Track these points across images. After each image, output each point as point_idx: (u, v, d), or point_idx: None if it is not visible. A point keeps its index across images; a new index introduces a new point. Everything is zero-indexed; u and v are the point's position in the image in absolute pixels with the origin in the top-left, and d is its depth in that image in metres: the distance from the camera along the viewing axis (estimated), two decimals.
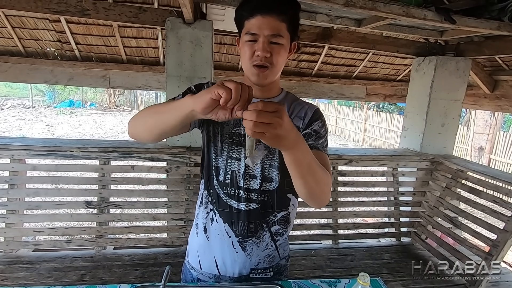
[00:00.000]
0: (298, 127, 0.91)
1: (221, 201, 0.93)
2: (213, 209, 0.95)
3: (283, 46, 0.82)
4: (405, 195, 2.60)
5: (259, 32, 0.79)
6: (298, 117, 0.92)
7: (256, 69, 0.82)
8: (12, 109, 13.86)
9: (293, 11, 0.82)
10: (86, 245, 2.15)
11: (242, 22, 0.83)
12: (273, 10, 0.78)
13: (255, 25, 0.79)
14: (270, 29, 0.79)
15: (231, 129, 0.91)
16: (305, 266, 2.13)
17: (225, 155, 0.91)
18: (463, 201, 2.30)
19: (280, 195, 0.94)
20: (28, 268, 1.91)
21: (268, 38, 0.79)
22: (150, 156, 2.20)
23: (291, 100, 0.95)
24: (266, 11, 0.78)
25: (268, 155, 0.90)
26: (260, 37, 0.79)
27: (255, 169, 0.91)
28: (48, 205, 2.10)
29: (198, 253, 0.99)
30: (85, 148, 2.12)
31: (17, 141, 2.16)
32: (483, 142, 7.33)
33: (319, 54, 3.22)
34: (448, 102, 2.68)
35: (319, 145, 0.87)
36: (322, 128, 0.91)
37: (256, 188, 0.91)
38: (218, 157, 0.92)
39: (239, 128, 0.90)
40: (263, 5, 0.79)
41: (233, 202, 0.92)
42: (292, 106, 0.94)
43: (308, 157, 0.71)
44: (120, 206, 2.18)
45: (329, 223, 2.46)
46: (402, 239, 2.56)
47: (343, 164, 2.49)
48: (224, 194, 0.92)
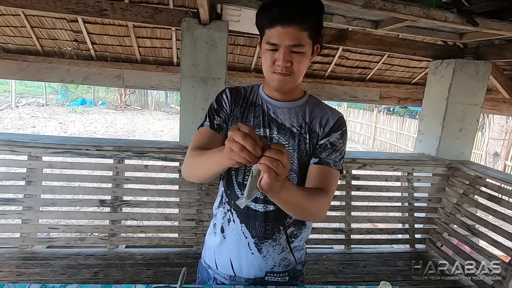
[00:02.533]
0: (317, 134, 0.89)
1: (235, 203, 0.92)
2: (231, 209, 0.95)
3: (305, 53, 0.79)
4: (420, 201, 2.54)
5: (280, 43, 0.77)
6: (319, 124, 0.90)
7: (277, 75, 0.81)
8: (27, 107, 14.19)
9: (315, 18, 0.79)
10: (99, 243, 2.17)
11: (262, 29, 0.81)
12: (294, 21, 0.75)
13: (275, 35, 0.77)
14: (290, 39, 0.76)
15: None
16: (317, 271, 2.10)
17: None
18: (482, 209, 2.23)
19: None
20: (43, 265, 1.93)
21: (289, 48, 0.77)
22: (163, 156, 2.21)
23: (313, 104, 0.93)
24: (286, 21, 0.75)
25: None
26: (280, 47, 0.77)
27: None
28: (63, 202, 2.13)
29: (215, 253, 0.99)
30: (100, 147, 2.14)
31: (34, 139, 2.20)
32: (499, 147, 7.15)
33: (333, 56, 3.18)
34: (466, 106, 2.62)
35: (330, 161, 0.86)
36: (339, 140, 0.89)
37: None
38: None
39: (258, 129, 0.89)
40: (283, 15, 0.75)
41: (251, 203, 0.92)
42: (314, 111, 0.91)
43: (294, 198, 0.72)
44: (133, 205, 2.19)
45: (342, 227, 2.42)
46: (417, 246, 2.50)
47: (356, 168, 2.45)
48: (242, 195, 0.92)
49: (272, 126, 0.89)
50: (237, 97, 0.94)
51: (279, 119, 0.89)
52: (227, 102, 0.93)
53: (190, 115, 2.30)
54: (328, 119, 0.90)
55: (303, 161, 0.89)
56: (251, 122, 0.90)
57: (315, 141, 0.89)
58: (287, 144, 0.88)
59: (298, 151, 0.88)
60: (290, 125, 0.89)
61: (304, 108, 0.91)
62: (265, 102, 0.91)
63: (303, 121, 0.89)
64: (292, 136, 0.88)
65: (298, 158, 0.88)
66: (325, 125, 0.89)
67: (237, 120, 0.91)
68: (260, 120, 0.89)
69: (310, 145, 0.89)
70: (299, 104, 0.91)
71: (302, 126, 0.89)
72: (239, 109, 0.92)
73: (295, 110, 0.90)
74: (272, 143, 0.62)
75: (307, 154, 0.89)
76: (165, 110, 17.20)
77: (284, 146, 0.60)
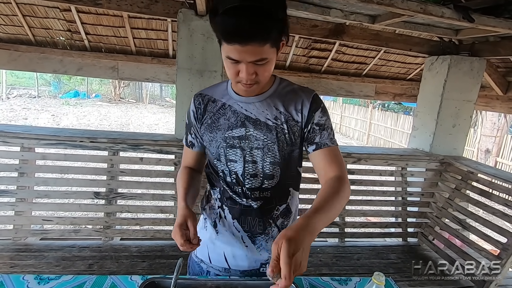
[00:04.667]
0: (296, 121, 0.87)
1: (228, 199, 0.93)
2: (222, 206, 0.95)
3: (269, 61, 0.75)
4: (413, 196, 2.58)
5: (240, 59, 0.72)
6: (295, 110, 0.87)
7: (242, 86, 0.79)
8: (18, 99, 13.92)
9: (278, 26, 0.71)
10: (93, 235, 2.16)
11: (219, 39, 0.73)
12: (254, 39, 0.67)
13: (235, 52, 0.70)
14: (252, 56, 0.71)
15: (224, 133, 0.88)
16: (311, 263, 2.12)
17: (223, 159, 0.90)
18: (473, 203, 2.28)
19: (281, 190, 0.94)
20: (36, 256, 1.92)
21: (251, 63, 0.72)
22: (158, 149, 2.20)
23: (284, 90, 0.89)
24: (245, 41, 0.67)
25: (268, 152, 0.88)
26: (242, 62, 0.72)
27: (256, 168, 0.89)
28: (57, 194, 2.11)
29: (208, 247, 0.99)
30: (94, 139, 2.12)
31: (27, 130, 2.17)
32: (490, 144, 7.26)
33: (329, 51, 3.18)
34: (460, 102, 2.64)
35: (327, 141, 0.86)
36: (323, 117, 0.87)
37: (257, 186, 0.91)
38: (217, 161, 0.92)
39: (231, 131, 0.88)
40: (240, 33, 0.67)
41: (240, 199, 0.92)
42: (287, 98, 0.88)
43: (325, 221, 0.73)
44: (128, 197, 2.18)
45: (336, 221, 2.45)
46: (409, 239, 2.55)
47: (351, 162, 2.47)
48: (232, 192, 0.93)
49: (247, 124, 0.87)
50: (206, 104, 0.92)
51: (253, 115, 0.87)
52: (195, 115, 0.94)
53: (186, 108, 2.23)
54: (302, 102, 0.87)
55: (285, 152, 0.88)
56: (223, 126, 0.88)
57: (296, 128, 0.87)
58: (265, 138, 0.86)
59: (278, 143, 0.87)
60: (265, 119, 0.87)
61: (276, 97, 0.88)
62: (235, 101, 0.88)
63: (277, 111, 0.87)
64: (269, 130, 0.86)
65: (279, 150, 0.87)
66: (302, 109, 0.87)
67: (209, 128, 0.90)
68: (233, 122, 0.87)
69: (290, 134, 0.87)
70: (270, 94, 0.88)
71: (277, 117, 0.86)
72: (210, 116, 0.91)
73: (267, 102, 0.87)
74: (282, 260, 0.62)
75: (288, 144, 0.88)
76: (160, 103, 17.04)
77: (288, 266, 0.60)
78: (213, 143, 0.90)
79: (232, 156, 0.89)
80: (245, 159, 0.88)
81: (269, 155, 0.87)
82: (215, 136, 0.89)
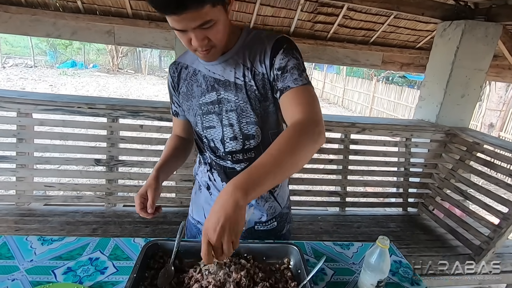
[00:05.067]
0: (262, 73, 0.80)
1: (215, 163, 0.94)
2: (210, 170, 0.97)
3: (217, 21, 0.69)
4: (415, 167, 2.56)
5: (184, 28, 0.67)
6: (259, 62, 0.80)
7: (200, 53, 0.75)
8: (14, 68, 13.62)
9: None
10: (96, 202, 2.17)
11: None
12: (185, 7, 0.62)
13: (175, 23, 0.66)
14: (193, 22, 0.65)
15: (198, 100, 0.87)
16: (312, 231, 2.15)
17: (200, 126, 0.89)
18: (476, 174, 2.26)
19: (265, 148, 0.91)
20: (40, 221, 1.94)
21: (197, 28, 0.67)
22: (159, 116, 2.15)
23: (252, 42, 0.82)
24: (178, 10, 0.62)
25: (241, 113, 0.84)
26: (188, 30, 0.67)
27: (234, 131, 0.87)
28: (58, 160, 2.10)
29: (204, 208, 1.02)
30: (92, 105, 2.06)
31: (23, 95, 2.10)
32: (495, 119, 7.17)
33: (336, 16, 3.01)
34: (471, 71, 2.54)
35: (290, 83, 0.75)
36: (285, 58, 0.77)
37: (239, 148, 0.89)
38: (197, 128, 0.92)
39: (204, 97, 0.86)
40: (169, 6, 0.62)
41: (225, 162, 0.92)
42: (253, 50, 0.81)
43: (273, 176, 0.62)
44: (129, 165, 2.17)
45: (337, 190, 2.45)
46: (409, 209, 2.57)
47: (356, 132, 2.42)
48: (216, 157, 0.93)
49: (217, 87, 0.84)
50: (180, 71, 0.90)
51: (221, 77, 0.83)
52: (172, 85, 0.92)
53: None
54: (265, 50, 0.79)
55: (260, 110, 0.84)
56: (197, 93, 0.86)
57: (264, 81, 0.81)
58: (236, 99, 0.82)
59: (250, 102, 0.82)
60: (234, 79, 0.82)
61: (242, 51, 0.82)
62: (203, 65, 0.85)
63: (244, 67, 0.81)
64: (239, 89, 0.82)
65: (253, 109, 0.83)
66: (264, 58, 0.79)
67: (185, 96, 0.89)
68: (204, 88, 0.85)
69: (260, 89, 0.82)
70: (236, 50, 0.82)
71: (245, 74, 0.81)
72: (184, 84, 0.89)
73: (234, 59, 0.82)
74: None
75: (261, 100, 0.83)
76: (159, 74, 16.68)
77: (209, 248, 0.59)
78: (190, 112, 0.90)
79: (208, 123, 0.88)
80: (222, 123, 0.86)
81: (243, 116, 0.84)
82: (191, 104, 0.88)
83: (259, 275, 0.85)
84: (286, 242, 0.98)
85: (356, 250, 1.10)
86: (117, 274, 0.89)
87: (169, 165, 0.92)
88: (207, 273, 0.81)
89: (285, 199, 1.03)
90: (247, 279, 0.81)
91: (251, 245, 0.95)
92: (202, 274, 0.82)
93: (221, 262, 0.84)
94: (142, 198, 0.81)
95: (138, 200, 0.81)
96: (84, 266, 0.92)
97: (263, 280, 0.84)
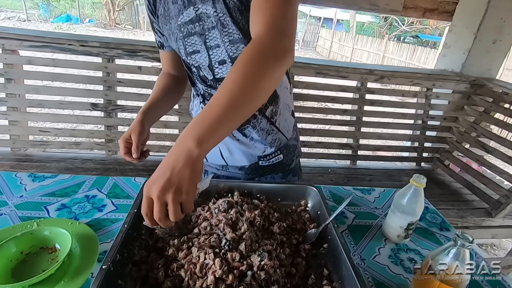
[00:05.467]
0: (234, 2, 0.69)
1: (207, 93, 0.86)
2: (203, 102, 0.89)
3: None
4: (434, 119, 2.40)
5: None
6: None
7: None
8: (7, 21, 12.95)
9: None
10: (96, 149, 2.07)
11: None
12: None
13: None
14: None
15: (177, 21, 0.75)
16: (322, 182, 2.06)
17: (183, 52, 0.79)
18: (502, 126, 2.10)
19: None
20: (38, 166, 1.85)
21: None
22: (159, 57, 1.94)
23: None
24: None
25: (223, 28, 0.72)
26: None
27: (220, 53, 0.76)
28: (51, 104, 1.95)
29: None
30: (84, 42, 1.85)
31: (7, 29, 1.89)
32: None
33: None
34: (508, 12, 2.25)
35: None
36: None
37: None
38: (182, 56, 0.81)
39: (182, 15, 0.74)
40: None
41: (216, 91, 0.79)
42: None
43: (223, 113, 0.51)
44: (129, 110, 2.02)
45: (350, 143, 2.32)
46: (423, 164, 2.46)
47: (373, 80, 2.22)
48: (207, 87, 0.84)
49: (194, 1, 0.72)
50: None
51: None
52: (150, 8, 0.81)
53: None
54: None
55: (241, 22, 0.70)
56: (174, 11, 0.75)
57: None
58: (215, 12, 0.70)
59: (229, 14, 0.69)
60: None
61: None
62: None
63: None
64: (217, 0, 0.70)
65: (234, 23, 0.70)
66: None
67: (164, 19, 0.78)
68: (180, 3, 0.73)
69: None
70: None
71: None
72: (161, 4, 0.78)
73: None
74: None
75: (241, 11, 0.69)
76: None
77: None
78: (171, 37, 0.79)
79: (192, 47, 0.77)
80: (206, 45, 0.76)
81: (225, 33, 0.72)
82: (171, 27, 0.78)
83: (275, 215, 0.78)
84: (303, 183, 0.90)
85: (378, 196, 1.02)
86: (117, 211, 0.81)
87: (157, 107, 0.84)
88: (217, 211, 0.73)
89: (290, 129, 0.93)
90: (262, 219, 0.73)
91: (264, 184, 0.87)
92: (211, 212, 0.74)
93: (232, 200, 0.76)
94: (126, 142, 0.76)
95: (122, 144, 0.76)
96: (80, 203, 0.85)
97: (279, 220, 0.77)
